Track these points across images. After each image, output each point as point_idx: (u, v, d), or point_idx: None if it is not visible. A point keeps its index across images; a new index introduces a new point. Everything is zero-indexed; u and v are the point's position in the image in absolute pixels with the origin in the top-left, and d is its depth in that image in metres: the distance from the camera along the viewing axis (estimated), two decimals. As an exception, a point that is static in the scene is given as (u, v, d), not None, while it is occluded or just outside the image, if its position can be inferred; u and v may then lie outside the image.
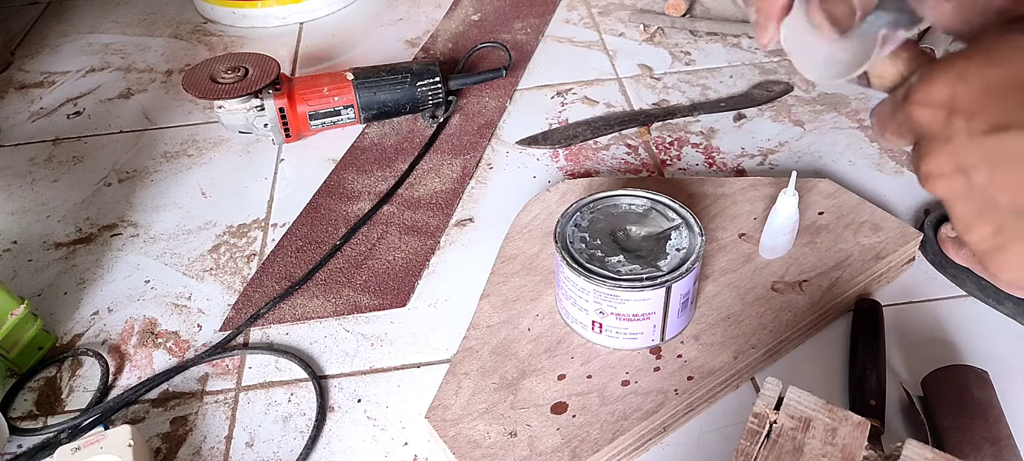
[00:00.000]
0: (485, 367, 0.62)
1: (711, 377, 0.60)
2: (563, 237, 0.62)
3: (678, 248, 0.61)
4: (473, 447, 0.57)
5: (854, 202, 0.74)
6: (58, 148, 1.00)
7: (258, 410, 0.65)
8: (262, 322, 0.72)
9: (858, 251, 0.69)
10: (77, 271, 0.80)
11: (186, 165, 0.95)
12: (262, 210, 0.87)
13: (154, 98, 1.08)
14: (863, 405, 0.59)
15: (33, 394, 0.68)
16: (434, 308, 0.73)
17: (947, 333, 0.67)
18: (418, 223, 0.82)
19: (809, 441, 0.46)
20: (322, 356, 0.69)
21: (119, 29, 1.28)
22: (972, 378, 0.59)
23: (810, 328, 0.67)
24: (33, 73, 1.17)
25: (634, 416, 0.58)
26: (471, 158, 0.91)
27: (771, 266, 0.69)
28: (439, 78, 0.95)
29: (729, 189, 0.78)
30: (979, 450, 0.55)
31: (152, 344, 0.72)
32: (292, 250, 0.80)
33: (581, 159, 0.90)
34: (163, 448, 0.63)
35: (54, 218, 0.88)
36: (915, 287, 0.72)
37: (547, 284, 0.69)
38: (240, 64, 0.91)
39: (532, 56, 1.10)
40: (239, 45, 1.21)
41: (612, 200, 0.66)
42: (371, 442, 0.62)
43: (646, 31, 1.14)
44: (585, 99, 1.01)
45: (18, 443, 0.64)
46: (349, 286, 0.75)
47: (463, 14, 1.21)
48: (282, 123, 0.92)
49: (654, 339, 0.62)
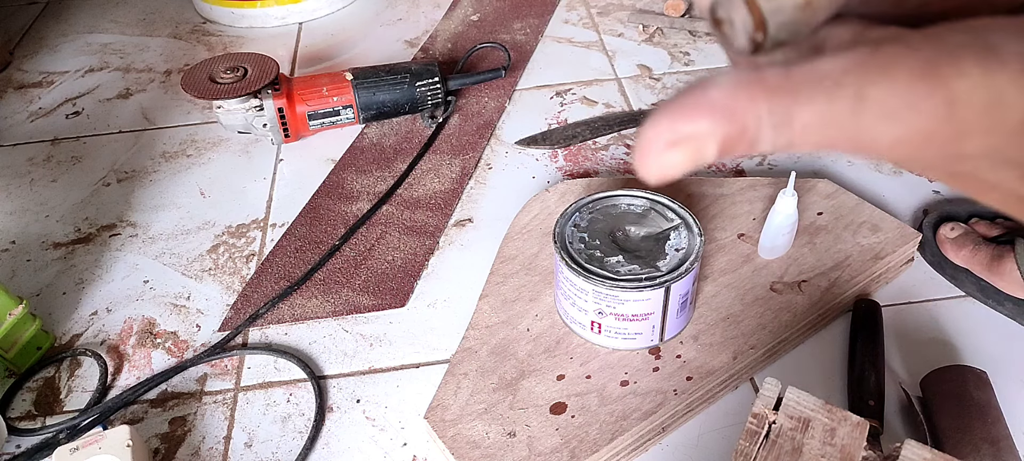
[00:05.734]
0: (484, 367, 0.62)
1: (710, 377, 0.60)
2: (562, 237, 0.62)
3: (677, 248, 0.61)
4: (472, 447, 0.56)
5: (853, 202, 0.74)
6: (57, 148, 0.99)
7: (257, 410, 0.65)
8: (261, 322, 0.72)
9: (857, 251, 0.69)
10: (76, 271, 0.80)
11: (185, 165, 0.95)
12: (261, 210, 0.87)
13: (153, 98, 1.08)
14: (862, 405, 0.59)
15: (32, 394, 0.68)
16: (433, 308, 0.73)
17: (946, 333, 0.67)
18: (417, 223, 0.82)
19: (808, 441, 0.46)
20: (321, 356, 0.69)
21: (118, 29, 1.28)
22: (971, 378, 0.59)
23: (809, 328, 0.67)
24: (32, 73, 1.16)
25: (633, 416, 0.57)
26: (470, 158, 0.91)
27: (770, 266, 0.69)
28: (438, 78, 0.95)
29: (728, 189, 0.78)
30: (978, 450, 0.55)
31: (151, 344, 0.72)
32: (291, 250, 0.80)
33: (580, 159, 0.90)
34: (162, 448, 0.63)
35: (53, 218, 0.88)
36: (914, 287, 0.72)
37: (546, 284, 0.69)
38: (239, 64, 0.91)
39: (531, 56, 1.10)
40: (238, 45, 1.21)
41: (611, 200, 0.66)
42: (370, 442, 0.62)
43: (645, 31, 1.14)
44: (584, 99, 1.01)
45: (17, 443, 0.64)
46: (348, 286, 0.75)
47: (462, 14, 1.21)
48: (281, 123, 0.92)
49: (653, 339, 0.62)
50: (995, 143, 0.17)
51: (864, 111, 0.17)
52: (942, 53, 0.17)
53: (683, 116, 0.17)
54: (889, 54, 0.17)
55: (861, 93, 0.17)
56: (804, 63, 0.17)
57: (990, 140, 0.17)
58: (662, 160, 0.18)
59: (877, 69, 0.17)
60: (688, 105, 0.17)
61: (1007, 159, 0.18)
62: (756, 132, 0.17)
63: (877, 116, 0.17)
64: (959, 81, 0.16)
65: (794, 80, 0.17)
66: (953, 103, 0.16)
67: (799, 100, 0.17)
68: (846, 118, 0.17)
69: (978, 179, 0.19)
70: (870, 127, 0.17)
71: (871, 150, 0.18)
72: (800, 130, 0.17)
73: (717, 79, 0.18)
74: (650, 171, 0.18)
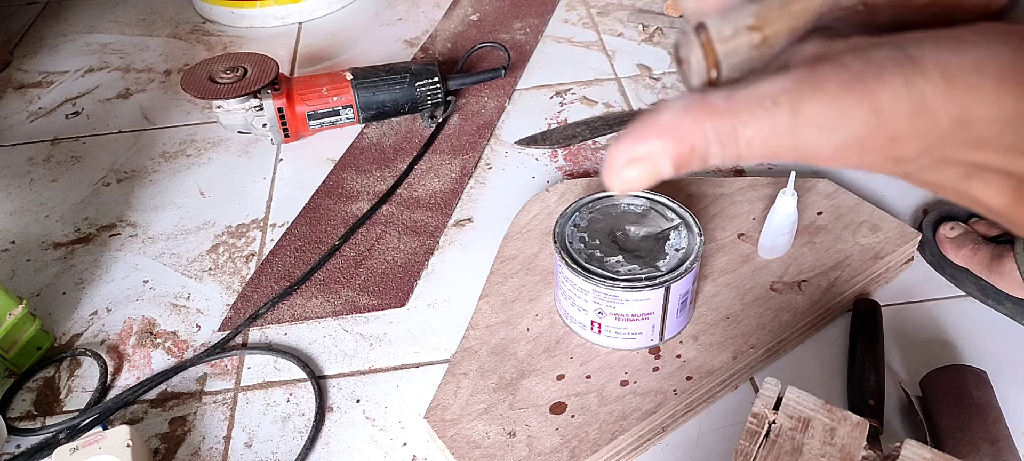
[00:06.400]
0: (484, 367, 0.62)
1: (710, 377, 0.60)
2: (562, 237, 0.62)
3: (677, 248, 0.61)
4: (472, 447, 0.56)
5: (853, 202, 0.74)
6: (56, 148, 0.99)
7: (257, 410, 0.65)
8: (261, 322, 0.72)
9: (857, 251, 0.69)
10: (75, 271, 0.80)
11: (185, 165, 0.95)
12: (261, 210, 0.87)
13: (153, 98, 1.08)
14: (862, 405, 0.59)
15: (31, 394, 0.68)
16: (433, 308, 0.73)
17: (946, 333, 0.67)
18: (417, 223, 0.82)
19: (808, 441, 0.46)
20: (321, 356, 0.69)
21: (118, 29, 1.28)
22: (971, 378, 0.59)
23: (809, 328, 0.67)
24: (32, 73, 1.16)
25: (633, 416, 0.57)
26: (470, 158, 0.91)
27: (770, 266, 0.69)
28: (438, 78, 0.95)
29: (728, 189, 0.78)
30: (978, 450, 0.55)
31: (151, 344, 0.72)
32: (291, 250, 0.80)
33: (580, 159, 0.90)
34: (162, 448, 0.63)
35: (53, 218, 0.88)
36: (914, 287, 0.72)
37: (546, 284, 0.69)
38: (239, 64, 0.91)
39: (531, 56, 1.10)
40: (238, 45, 1.21)
41: (611, 200, 0.66)
42: (370, 442, 0.62)
43: (645, 31, 1.14)
44: (584, 99, 1.01)
45: (16, 443, 0.64)
46: (348, 286, 0.75)
47: (462, 14, 1.21)
48: (281, 123, 0.92)
49: (653, 339, 0.62)
50: (928, 145, 0.19)
51: (801, 125, 0.19)
52: (868, 67, 0.18)
53: (638, 138, 0.20)
54: (821, 72, 0.19)
55: (796, 109, 0.19)
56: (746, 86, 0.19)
57: (923, 143, 0.19)
58: (623, 176, 0.20)
59: (809, 87, 0.19)
60: (642, 128, 0.20)
61: (945, 159, 0.20)
62: (705, 149, 0.20)
63: (813, 129, 0.19)
64: (883, 92, 0.18)
65: (735, 102, 0.19)
66: (880, 112, 0.18)
67: (741, 119, 0.19)
68: (785, 132, 0.19)
69: (925, 180, 0.21)
70: (809, 138, 0.19)
71: (815, 159, 0.20)
72: (745, 145, 0.19)
73: (669, 103, 0.20)
74: (614, 185, 0.21)
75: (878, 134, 0.19)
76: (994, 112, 0.18)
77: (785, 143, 0.19)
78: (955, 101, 0.18)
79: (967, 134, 0.19)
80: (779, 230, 0.67)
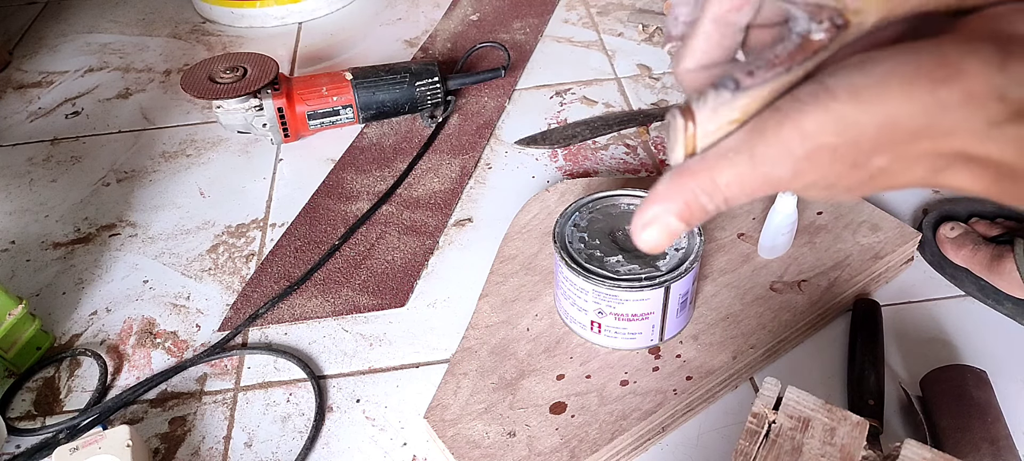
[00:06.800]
0: (484, 367, 0.62)
1: (710, 377, 0.60)
2: (562, 237, 0.62)
3: (677, 248, 0.61)
4: (472, 447, 0.56)
5: (853, 202, 0.74)
6: (56, 148, 0.99)
7: (257, 410, 0.65)
8: (261, 322, 0.72)
9: (857, 251, 0.69)
10: (75, 271, 0.80)
11: (184, 165, 0.95)
12: (261, 210, 0.87)
13: (152, 98, 1.08)
14: (862, 405, 0.59)
15: (31, 394, 0.68)
16: (433, 308, 0.73)
17: (946, 333, 0.67)
18: (417, 223, 0.82)
19: (808, 441, 0.46)
20: (321, 356, 0.69)
21: (117, 29, 1.28)
22: (971, 378, 0.59)
23: (809, 328, 0.67)
24: (31, 73, 1.16)
25: (633, 416, 0.57)
26: (470, 158, 0.91)
27: (770, 266, 0.69)
28: (438, 78, 0.95)
29: (728, 189, 0.78)
30: (978, 450, 0.55)
31: (150, 344, 0.72)
32: (291, 250, 0.80)
33: (580, 159, 0.90)
34: (161, 448, 0.63)
35: (52, 218, 0.88)
36: (914, 287, 0.72)
37: (546, 284, 0.69)
38: (239, 64, 0.91)
39: (531, 56, 1.10)
40: (238, 45, 1.21)
41: (611, 200, 0.66)
42: (370, 442, 0.62)
43: (645, 31, 1.14)
44: (584, 99, 1.01)
45: (16, 443, 0.64)
46: (348, 286, 0.75)
47: (462, 14, 1.21)
48: (281, 123, 0.92)
49: (653, 339, 0.62)
50: (872, 149, 0.22)
51: (758, 164, 0.23)
52: (794, 104, 0.22)
53: (645, 206, 0.25)
54: (762, 118, 0.23)
55: (752, 154, 0.23)
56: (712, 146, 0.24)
57: (864, 149, 0.22)
58: (643, 237, 0.25)
59: (756, 133, 0.23)
60: (648, 198, 0.25)
61: (903, 157, 0.22)
62: (697, 201, 0.24)
63: (769, 164, 0.23)
64: (806, 120, 0.22)
65: (707, 160, 0.24)
66: (810, 136, 0.22)
67: (715, 172, 0.23)
68: (751, 173, 0.23)
69: (900, 181, 0.24)
70: (770, 171, 0.23)
71: (785, 186, 0.24)
72: (726, 190, 0.24)
73: (663, 176, 0.25)
74: (640, 245, 0.25)
75: (819, 154, 0.22)
76: (911, 108, 0.21)
77: (754, 181, 0.23)
78: (869, 111, 0.21)
79: (901, 131, 0.21)
80: (779, 230, 0.67)
